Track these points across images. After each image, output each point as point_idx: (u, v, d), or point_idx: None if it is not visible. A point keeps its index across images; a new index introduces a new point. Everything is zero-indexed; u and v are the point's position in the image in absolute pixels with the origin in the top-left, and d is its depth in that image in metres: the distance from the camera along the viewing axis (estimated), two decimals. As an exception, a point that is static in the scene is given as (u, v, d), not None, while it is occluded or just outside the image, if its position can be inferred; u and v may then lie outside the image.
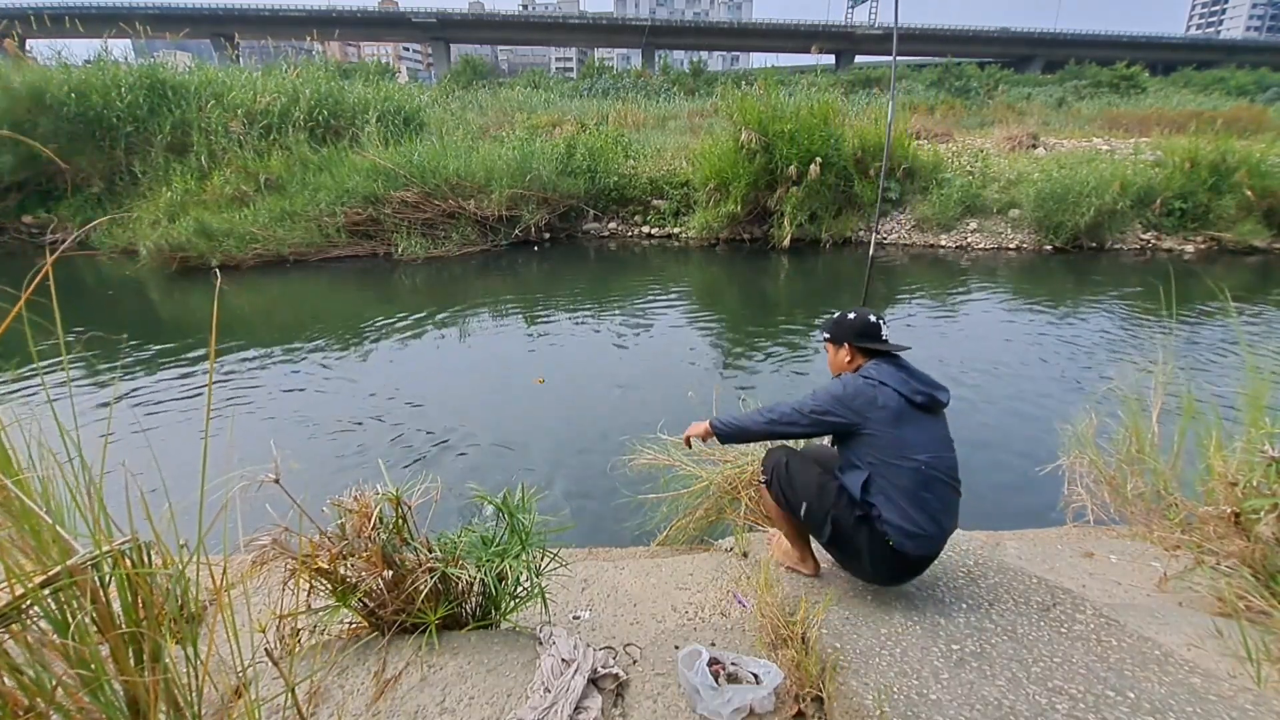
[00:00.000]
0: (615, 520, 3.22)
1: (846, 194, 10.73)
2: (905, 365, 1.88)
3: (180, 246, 8.72)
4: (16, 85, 10.53)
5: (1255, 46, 61.68)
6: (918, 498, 1.72)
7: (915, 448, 1.74)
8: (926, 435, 1.77)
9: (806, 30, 53.99)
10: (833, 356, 2.04)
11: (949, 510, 1.77)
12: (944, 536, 1.77)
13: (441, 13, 52.03)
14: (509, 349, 6.16)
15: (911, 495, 1.72)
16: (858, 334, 1.96)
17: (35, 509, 0.96)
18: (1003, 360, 5.65)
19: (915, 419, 1.78)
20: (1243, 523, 1.96)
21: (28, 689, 0.93)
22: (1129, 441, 2.58)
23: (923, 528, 1.71)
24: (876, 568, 1.79)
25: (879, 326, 1.95)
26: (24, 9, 29.04)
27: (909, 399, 1.78)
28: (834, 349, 2.03)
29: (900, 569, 1.79)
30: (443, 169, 10.17)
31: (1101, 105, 22.93)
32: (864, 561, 1.80)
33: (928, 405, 1.80)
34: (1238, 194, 10.29)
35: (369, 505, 1.66)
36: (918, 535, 1.71)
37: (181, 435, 4.28)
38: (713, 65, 62.80)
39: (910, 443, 1.75)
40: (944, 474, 1.76)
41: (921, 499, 1.72)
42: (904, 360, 1.90)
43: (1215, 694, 1.41)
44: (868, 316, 1.97)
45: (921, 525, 1.71)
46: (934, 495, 1.73)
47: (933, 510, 1.73)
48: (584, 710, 1.51)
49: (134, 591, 1.03)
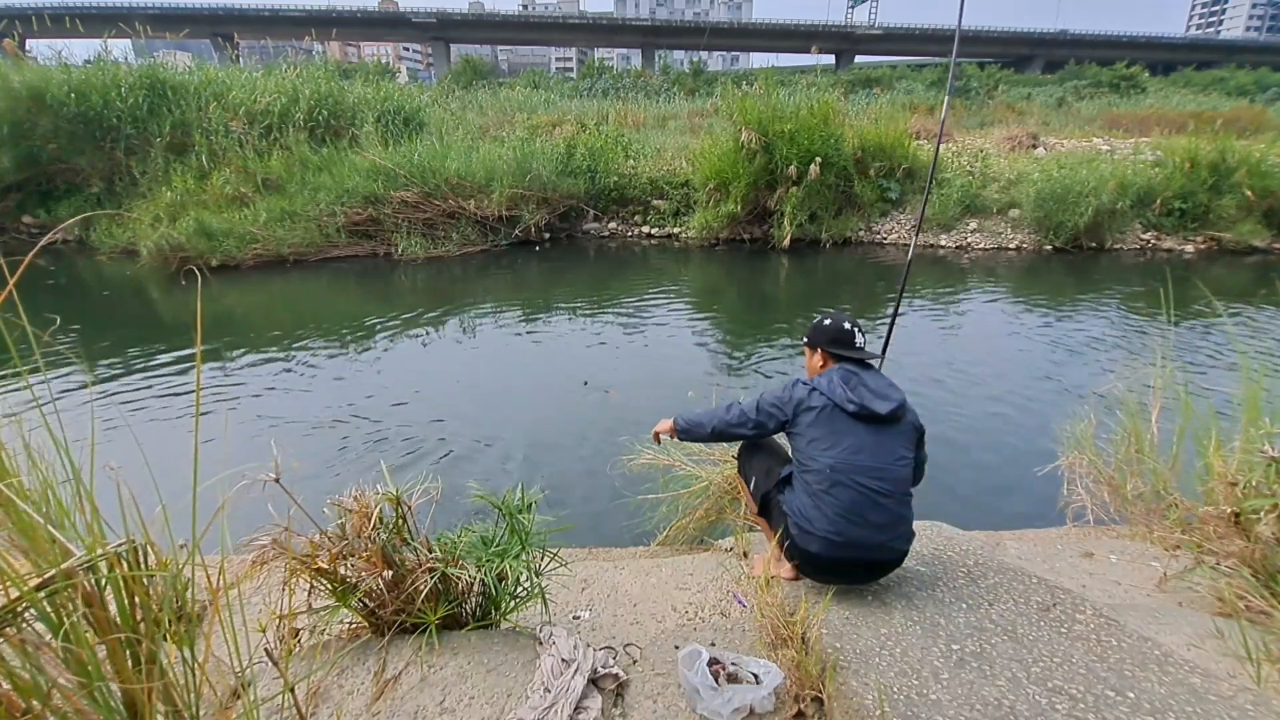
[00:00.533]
0: (615, 520, 3.22)
1: (846, 194, 10.72)
2: (858, 373, 1.91)
3: (180, 246, 8.71)
4: (16, 85, 10.52)
5: (1255, 46, 61.76)
6: (819, 500, 1.79)
7: (826, 451, 1.80)
8: (848, 441, 1.80)
9: (806, 30, 54.01)
10: (808, 360, 2.13)
11: (858, 520, 1.76)
12: (856, 544, 1.76)
13: (441, 13, 52.05)
14: (509, 349, 6.16)
15: (815, 497, 1.80)
16: (830, 340, 2.03)
17: (30, 511, 0.95)
18: (1002, 360, 5.65)
19: (841, 425, 1.82)
20: (1243, 523, 1.96)
21: (25, 692, 0.93)
22: (1128, 441, 2.58)
23: (819, 529, 1.78)
24: (794, 556, 1.90)
25: (852, 334, 2.01)
26: (24, 9, 29.03)
27: (839, 406, 1.83)
28: (809, 353, 2.12)
29: (815, 567, 1.86)
30: (443, 169, 10.16)
31: (1101, 105, 22.94)
32: (787, 548, 1.90)
33: (858, 414, 1.81)
34: (1237, 194, 10.28)
35: (369, 505, 1.65)
36: (817, 536, 1.78)
37: (181, 435, 4.27)
38: (713, 65, 62.82)
39: (823, 445, 1.82)
40: (855, 481, 1.77)
41: (823, 501, 1.78)
42: (866, 368, 1.94)
43: (1215, 694, 1.41)
44: (842, 324, 2.03)
45: (818, 527, 1.78)
46: (837, 499, 1.77)
47: (833, 514, 1.76)
48: (584, 710, 1.51)
49: (130, 593, 1.02)
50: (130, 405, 4.76)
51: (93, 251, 9.90)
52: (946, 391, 4.88)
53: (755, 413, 1.96)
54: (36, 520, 0.96)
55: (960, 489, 3.62)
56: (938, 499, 3.41)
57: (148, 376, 5.31)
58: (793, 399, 1.91)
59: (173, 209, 9.63)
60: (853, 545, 1.76)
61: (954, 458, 3.94)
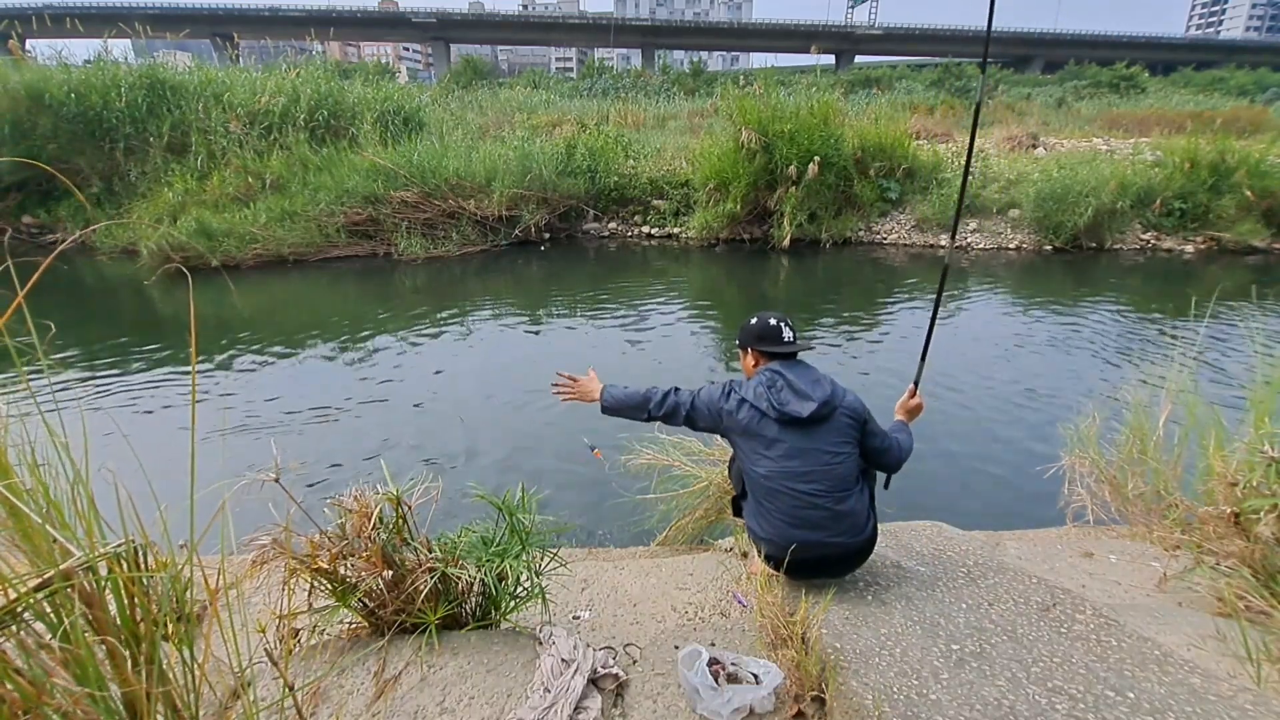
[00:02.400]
0: (615, 520, 3.22)
1: (846, 194, 10.72)
2: (783, 372, 1.87)
3: (180, 246, 8.71)
4: (16, 85, 10.52)
5: (1255, 47, 61.79)
6: (761, 506, 1.84)
7: (760, 461, 1.83)
8: (779, 448, 1.81)
9: (806, 30, 54.03)
10: (742, 361, 2.09)
11: (797, 522, 1.78)
12: (802, 545, 1.78)
13: (441, 13, 52.08)
14: (509, 349, 6.16)
15: (759, 504, 1.85)
16: (757, 338, 2.00)
17: (29, 512, 0.95)
18: (1002, 360, 5.65)
19: (770, 432, 1.83)
20: (1243, 523, 1.96)
21: (24, 692, 0.93)
22: (1131, 441, 2.58)
23: (766, 534, 1.83)
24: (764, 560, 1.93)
25: (779, 329, 1.97)
26: (24, 9, 29.02)
27: (763, 413, 1.84)
28: (742, 355, 2.08)
29: (775, 566, 1.88)
30: (443, 169, 10.16)
31: (1101, 105, 22.94)
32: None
33: (781, 419, 1.81)
34: (1237, 194, 10.29)
35: (369, 505, 1.65)
36: (765, 540, 1.83)
37: (181, 436, 4.27)
38: (713, 65, 62.88)
39: (756, 455, 1.84)
40: (789, 487, 1.78)
41: (764, 508, 1.83)
42: (795, 364, 1.92)
43: (1215, 694, 1.41)
44: (767, 320, 1.99)
45: (766, 532, 1.83)
46: (776, 506, 1.80)
47: (775, 520, 1.80)
48: (584, 710, 1.51)
49: (130, 594, 1.02)
50: (130, 405, 4.76)
51: (93, 251, 9.90)
52: (946, 392, 4.88)
53: (690, 409, 1.97)
54: (35, 521, 0.96)
55: (960, 489, 3.62)
56: (938, 499, 3.42)
57: (148, 377, 5.31)
58: (721, 410, 1.91)
59: (173, 209, 9.64)
60: (800, 546, 1.79)
61: (954, 458, 3.93)
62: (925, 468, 3.58)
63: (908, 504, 2.71)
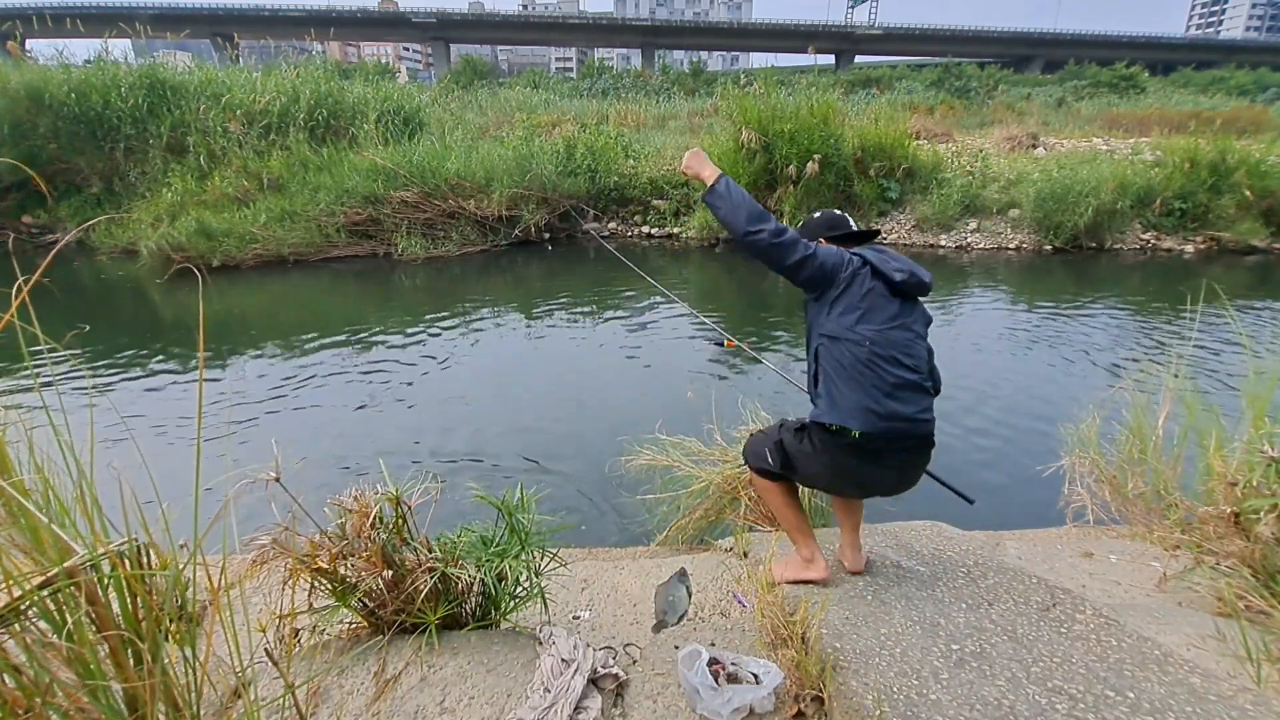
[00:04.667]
0: (615, 520, 3.23)
1: (846, 194, 10.72)
2: (884, 249, 1.85)
3: (180, 246, 8.72)
4: (16, 85, 10.52)
5: (1255, 46, 61.80)
6: (854, 378, 1.70)
7: (864, 324, 1.73)
8: (885, 314, 1.75)
9: (806, 30, 54.04)
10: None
11: (896, 395, 1.71)
12: (896, 416, 1.70)
13: (441, 13, 52.08)
14: (508, 349, 6.16)
15: (851, 369, 1.70)
16: (827, 226, 1.97)
17: (32, 510, 0.95)
18: (1003, 360, 5.65)
19: (880, 298, 1.76)
20: (1242, 523, 1.96)
21: (27, 689, 0.93)
22: (1131, 441, 2.58)
23: (857, 404, 1.69)
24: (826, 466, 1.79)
25: (845, 218, 1.98)
26: (24, 9, 29.02)
27: (886, 276, 1.77)
28: None
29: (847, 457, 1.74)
30: (443, 169, 10.17)
31: (1101, 105, 22.94)
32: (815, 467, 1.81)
33: (904, 284, 1.77)
34: (1237, 194, 10.29)
35: (369, 505, 1.65)
36: (859, 411, 1.68)
37: (181, 435, 4.27)
38: (712, 65, 62.88)
39: (860, 317, 1.73)
40: (891, 354, 1.72)
41: (858, 379, 1.70)
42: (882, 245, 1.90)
43: (1215, 694, 1.41)
44: (833, 212, 2.00)
45: (856, 401, 1.69)
46: (873, 376, 1.70)
47: (870, 386, 1.69)
48: (584, 710, 1.51)
49: (132, 593, 1.03)
50: (131, 405, 4.76)
51: (92, 251, 9.90)
52: (945, 392, 4.87)
53: (811, 250, 1.74)
54: (39, 519, 0.96)
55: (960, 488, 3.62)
56: (938, 499, 3.41)
57: (148, 376, 5.31)
58: (848, 263, 1.77)
59: (173, 209, 9.64)
60: (893, 417, 1.70)
61: (953, 458, 3.93)
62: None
63: (908, 504, 2.71)
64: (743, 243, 1.75)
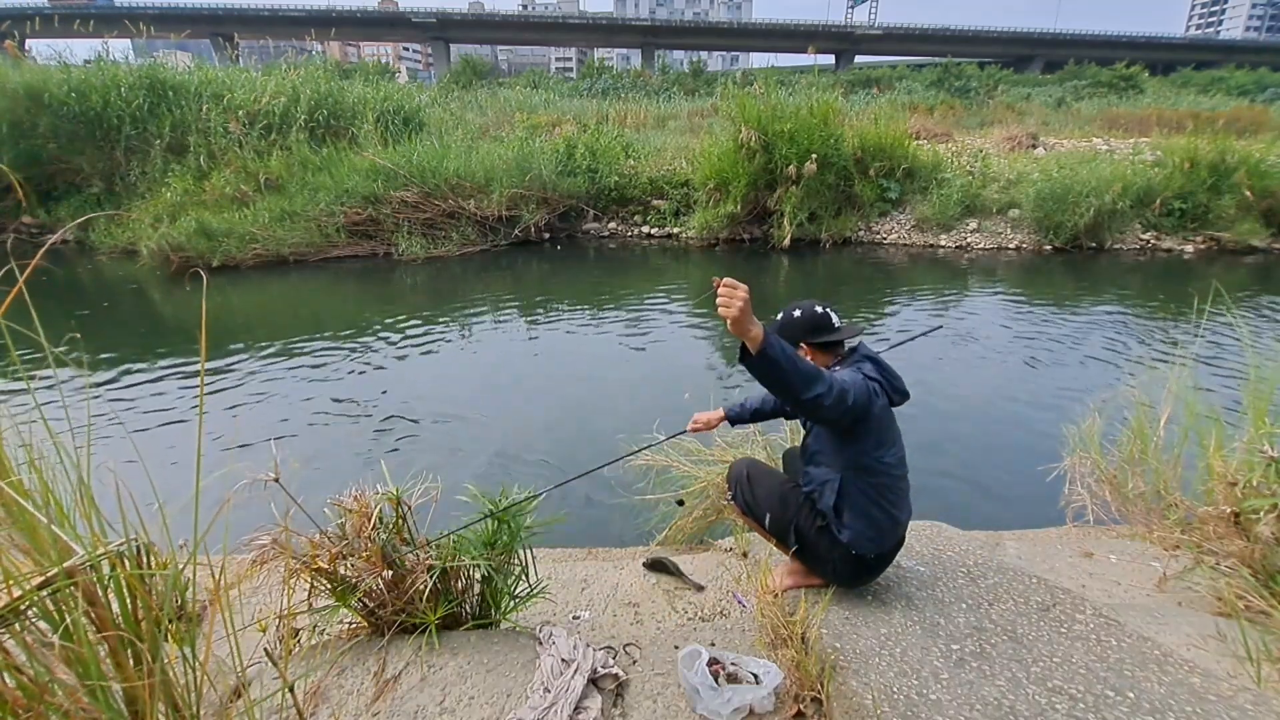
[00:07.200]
0: (615, 520, 3.22)
1: (846, 194, 10.72)
2: (877, 359, 1.77)
3: (180, 246, 8.72)
4: (16, 85, 10.52)
5: (1255, 47, 61.84)
6: (883, 500, 1.72)
7: (889, 448, 1.72)
8: (893, 432, 1.76)
9: (806, 30, 54.05)
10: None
11: (906, 505, 1.79)
12: (901, 530, 1.79)
13: (441, 13, 52.10)
14: (509, 349, 6.16)
15: (877, 498, 1.71)
16: (809, 330, 1.78)
17: (32, 510, 0.95)
18: (1002, 360, 5.64)
19: (888, 413, 1.75)
20: (1242, 523, 1.96)
21: (27, 689, 0.93)
22: (1132, 442, 2.58)
23: (883, 529, 1.73)
24: (839, 572, 1.81)
25: (828, 316, 1.79)
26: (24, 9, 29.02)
27: (891, 394, 1.73)
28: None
29: (862, 571, 1.80)
30: (443, 169, 10.16)
31: (1101, 105, 22.94)
32: (829, 567, 1.82)
33: (900, 401, 1.78)
34: (1237, 194, 10.28)
35: (369, 505, 1.66)
36: (878, 538, 1.73)
37: (181, 435, 4.27)
38: (712, 65, 62.88)
39: (884, 441, 1.70)
40: (904, 472, 1.77)
41: (887, 500, 1.73)
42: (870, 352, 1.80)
43: (1215, 694, 1.41)
44: (814, 308, 1.80)
45: (883, 526, 1.73)
46: (897, 495, 1.75)
47: (894, 510, 1.75)
48: (584, 710, 1.51)
49: (132, 593, 1.03)
50: (130, 405, 4.76)
51: (92, 251, 9.90)
52: (945, 392, 4.88)
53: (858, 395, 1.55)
54: (39, 519, 0.96)
55: (960, 489, 3.62)
56: (938, 499, 3.42)
57: (147, 377, 5.31)
58: (874, 393, 1.63)
59: (173, 209, 9.64)
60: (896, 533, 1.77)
61: (954, 458, 3.93)
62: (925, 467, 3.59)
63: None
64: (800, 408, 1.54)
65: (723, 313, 1.35)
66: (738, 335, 1.38)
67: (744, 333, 1.37)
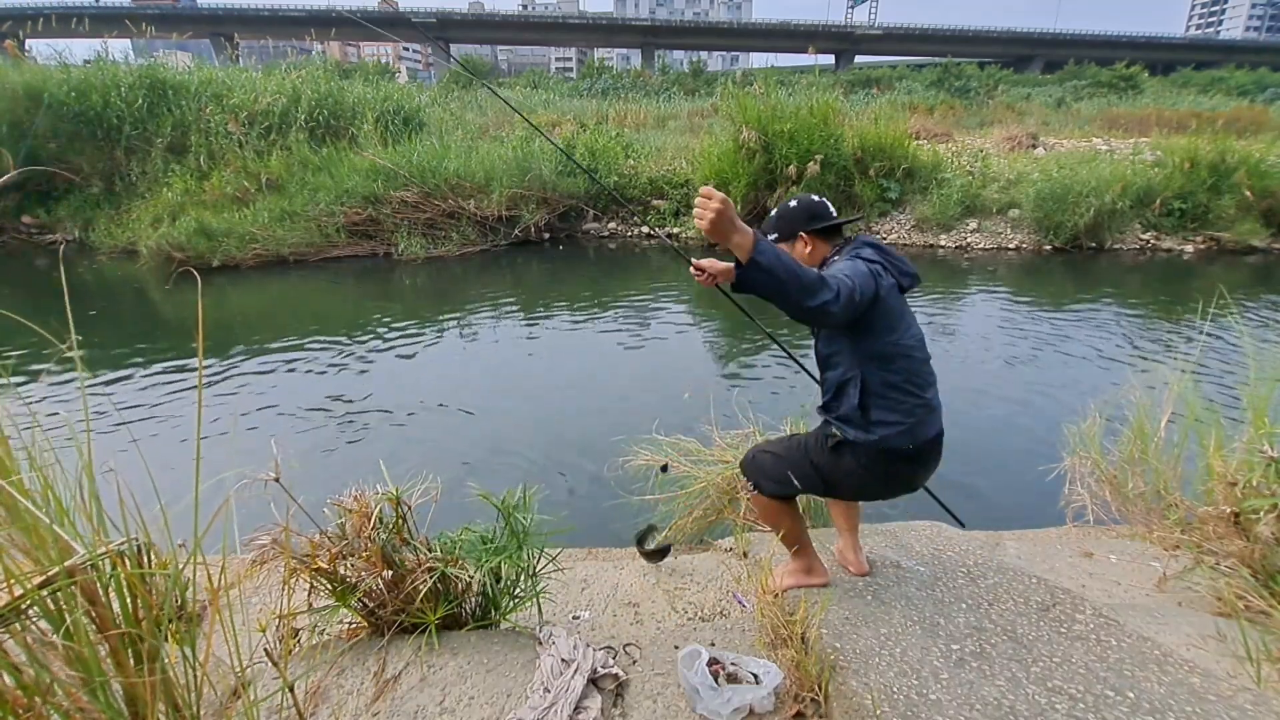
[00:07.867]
0: (615, 520, 3.22)
1: (846, 194, 10.72)
2: (877, 244, 1.70)
3: (180, 246, 8.72)
4: (15, 85, 10.52)
5: (1255, 47, 61.91)
6: (910, 385, 1.64)
7: (902, 330, 1.64)
8: (908, 315, 1.70)
9: (806, 30, 54.07)
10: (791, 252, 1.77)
11: (934, 389, 1.72)
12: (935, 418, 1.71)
13: (441, 13, 52.14)
14: (509, 349, 6.16)
15: (903, 383, 1.63)
16: (808, 218, 1.76)
17: (32, 509, 0.95)
18: (1003, 360, 5.65)
19: (898, 295, 1.68)
20: (1242, 523, 1.96)
21: (27, 688, 0.93)
22: (1132, 442, 2.58)
23: (916, 414, 1.65)
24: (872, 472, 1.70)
25: (825, 205, 1.77)
26: (24, 9, 29.03)
27: (897, 274, 1.67)
28: (788, 247, 1.77)
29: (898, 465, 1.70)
30: (442, 169, 10.17)
31: (1101, 105, 22.94)
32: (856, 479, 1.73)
33: (910, 285, 1.73)
34: (1237, 194, 10.28)
35: (369, 505, 1.66)
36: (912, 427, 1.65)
37: (181, 435, 4.27)
38: (712, 65, 62.91)
39: (898, 325, 1.64)
40: (926, 356, 1.71)
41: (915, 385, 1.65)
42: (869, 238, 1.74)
43: (1215, 694, 1.41)
44: (810, 199, 1.77)
45: (915, 411, 1.65)
46: (923, 378, 1.68)
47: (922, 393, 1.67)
48: (584, 710, 1.51)
49: (132, 592, 1.03)
50: (130, 405, 4.76)
51: (92, 251, 9.90)
52: (945, 392, 4.88)
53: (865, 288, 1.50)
54: (39, 518, 0.96)
55: (960, 489, 3.62)
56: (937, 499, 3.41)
57: (147, 377, 5.31)
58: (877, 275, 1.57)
59: (173, 209, 9.64)
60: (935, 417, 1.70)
61: (953, 458, 3.92)
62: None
63: (908, 504, 2.71)
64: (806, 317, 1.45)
65: (699, 224, 1.29)
66: (720, 243, 1.30)
67: (726, 239, 1.30)
